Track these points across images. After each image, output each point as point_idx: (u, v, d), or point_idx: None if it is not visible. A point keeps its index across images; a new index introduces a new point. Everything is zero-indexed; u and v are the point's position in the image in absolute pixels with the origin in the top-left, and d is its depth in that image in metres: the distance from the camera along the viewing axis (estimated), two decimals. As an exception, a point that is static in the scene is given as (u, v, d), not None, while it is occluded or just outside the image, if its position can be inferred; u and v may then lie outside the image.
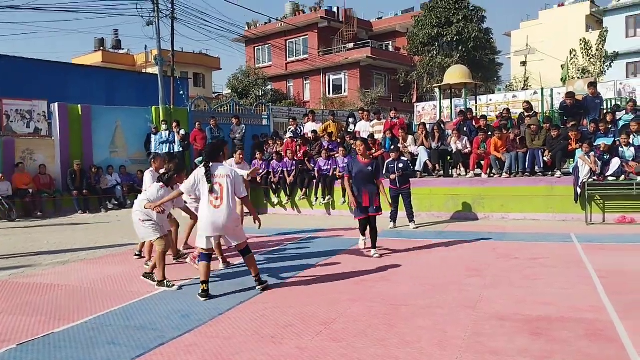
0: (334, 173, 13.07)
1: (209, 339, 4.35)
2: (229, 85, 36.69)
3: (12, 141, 14.73)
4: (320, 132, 15.21)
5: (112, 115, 16.58)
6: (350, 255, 7.79)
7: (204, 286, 5.61)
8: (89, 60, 39.80)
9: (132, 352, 4.05)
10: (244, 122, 17.85)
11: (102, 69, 29.00)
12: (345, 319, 4.76)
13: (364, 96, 33.94)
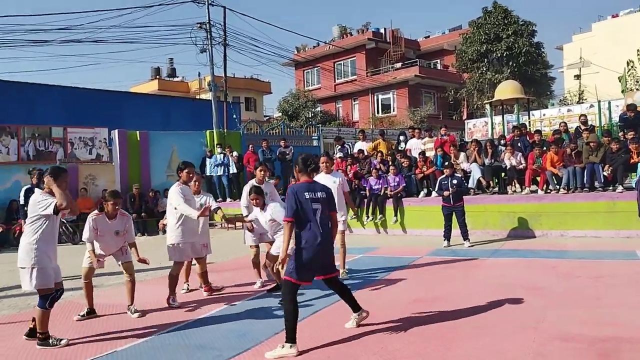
0: (385, 192, 13.03)
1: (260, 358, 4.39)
2: (279, 108, 37.34)
3: (76, 167, 15.52)
4: (369, 151, 15.24)
5: (168, 140, 17.19)
6: (403, 274, 7.71)
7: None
8: (146, 88, 41.44)
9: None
10: (294, 143, 18.13)
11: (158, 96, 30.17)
12: (401, 340, 4.70)
13: (413, 114, 33.77)
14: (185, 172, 6.57)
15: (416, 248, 10.25)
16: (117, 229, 5.91)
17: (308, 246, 4.49)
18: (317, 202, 4.58)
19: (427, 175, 12.98)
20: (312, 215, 4.53)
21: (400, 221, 12.77)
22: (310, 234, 4.51)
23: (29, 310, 6.48)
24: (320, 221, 4.56)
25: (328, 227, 4.65)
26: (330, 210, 4.73)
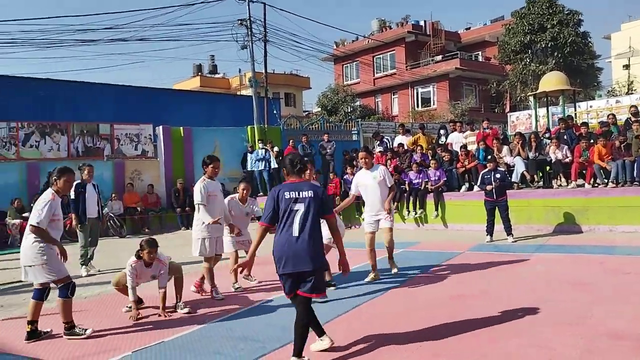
0: (425, 186, 12.93)
1: (308, 351, 4.43)
2: (318, 103, 37.42)
3: (123, 163, 16.01)
4: (409, 145, 15.14)
5: (210, 136, 17.52)
6: (445, 269, 7.66)
7: None
8: (189, 85, 42.24)
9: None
10: (334, 138, 18.17)
11: (200, 93, 30.66)
12: (445, 335, 4.68)
13: (454, 108, 33.28)
14: (211, 167, 6.55)
15: (458, 243, 10.15)
16: (153, 274, 5.96)
17: (281, 256, 4.07)
18: (299, 203, 4.09)
19: (468, 169, 12.82)
20: (291, 217, 4.08)
21: (441, 216, 12.65)
22: (282, 238, 4.09)
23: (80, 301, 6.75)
24: (300, 224, 4.04)
25: (311, 231, 4.06)
26: (323, 213, 4.20)
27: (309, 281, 4.07)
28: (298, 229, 4.03)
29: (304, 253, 4.01)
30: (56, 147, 15.47)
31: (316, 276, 4.10)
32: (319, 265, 4.11)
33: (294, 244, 4.03)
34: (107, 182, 15.10)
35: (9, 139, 14.85)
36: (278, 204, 4.13)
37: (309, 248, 4.03)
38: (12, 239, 12.70)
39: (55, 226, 5.19)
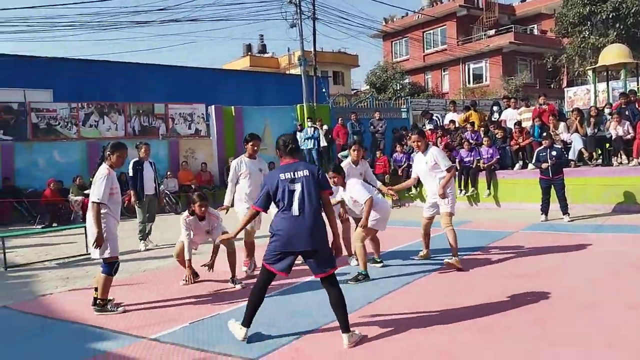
0: (477, 164, 12.70)
1: (362, 325, 4.50)
2: (367, 81, 37.08)
3: (177, 142, 16.47)
4: (461, 123, 14.85)
5: (260, 115, 17.73)
6: (497, 249, 7.55)
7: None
8: (239, 65, 42.68)
9: (291, 335, 4.33)
10: (383, 116, 18.03)
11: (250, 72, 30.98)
12: (497, 314, 4.64)
13: (507, 84, 32.25)
14: (250, 144, 6.62)
15: (511, 222, 9.96)
16: (207, 229, 6.17)
17: (281, 233, 4.02)
18: (296, 183, 4.06)
19: (523, 146, 12.49)
20: (289, 197, 4.04)
21: (494, 194, 12.42)
22: (284, 220, 4.03)
23: (139, 274, 7.06)
24: (299, 204, 4.02)
25: (311, 210, 4.03)
26: (321, 188, 4.15)
27: (314, 261, 4.08)
28: (298, 208, 4.01)
29: (303, 232, 3.99)
30: (114, 126, 16.05)
31: (320, 254, 4.08)
32: (319, 246, 4.06)
33: (295, 223, 4.00)
34: (162, 160, 15.57)
35: (70, 119, 15.51)
36: (275, 189, 4.10)
37: (310, 227, 4.00)
38: (75, 214, 13.32)
39: (115, 199, 5.33)
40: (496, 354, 3.73)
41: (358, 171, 7.01)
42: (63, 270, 7.62)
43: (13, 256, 8.66)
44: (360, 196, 6.07)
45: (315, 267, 4.11)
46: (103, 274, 5.21)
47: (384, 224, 6.35)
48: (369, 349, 3.96)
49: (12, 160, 14.46)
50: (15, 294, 6.24)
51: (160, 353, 4.09)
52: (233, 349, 4.06)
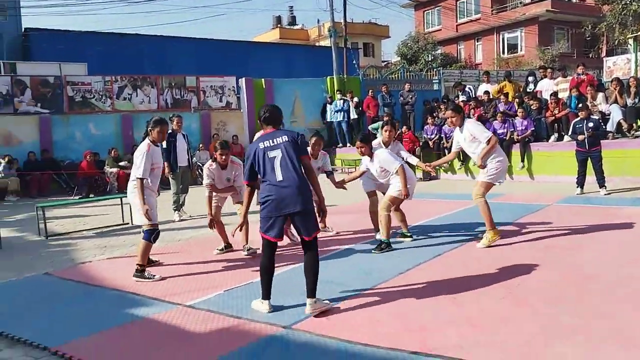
0: (511, 136, 12.46)
1: (392, 295, 4.53)
2: (398, 52, 36.46)
3: (209, 115, 16.63)
4: (494, 94, 14.54)
5: (291, 87, 17.70)
6: (531, 222, 7.44)
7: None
8: (268, 37, 42.50)
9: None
10: (415, 87, 17.78)
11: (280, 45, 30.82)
12: (530, 286, 4.60)
13: (543, 54, 31.32)
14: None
15: (545, 195, 9.79)
16: (228, 176, 6.38)
17: (270, 198, 4.09)
18: (275, 149, 4.13)
19: (559, 118, 12.17)
20: (271, 164, 4.11)
21: (528, 167, 12.21)
22: (269, 186, 4.11)
23: (174, 244, 7.23)
24: (282, 169, 4.09)
25: (293, 174, 4.09)
26: (300, 154, 4.18)
27: (301, 224, 4.14)
28: (281, 173, 4.08)
29: (290, 196, 4.06)
30: (147, 99, 16.27)
31: (305, 217, 4.13)
32: (307, 207, 4.12)
33: (279, 188, 4.08)
34: (194, 133, 15.75)
35: (104, 92, 15.77)
36: (255, 159, 4.19)
37: (294, 190, 4.07)
38: (110, 186, 13.64)
39: (155, 174, 5.55)
40: (530, 327, 3.71)
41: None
42: (101, 239, 7.86)
43: (53, 225, 8.96)
44: (390, 165, 6.07)
45: (304, 229, 4.16)
46: (143, 240, 5.44)
47: (411, 193, 6.33)
48: (399, 317, 3.99)
49: (50, 133, 14.83)
50: (56, 262, 6.48)
51: (195, 319, 4.20)
52: (266, 316, 4.15)
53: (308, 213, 4.15)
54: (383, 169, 6.22)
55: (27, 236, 8.27)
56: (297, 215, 4.12)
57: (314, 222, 4.23)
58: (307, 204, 4.12)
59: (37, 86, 15.14)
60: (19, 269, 6.19)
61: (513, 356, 3.22)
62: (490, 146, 6.03)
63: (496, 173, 6.13)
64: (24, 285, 5.49)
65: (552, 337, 3.50)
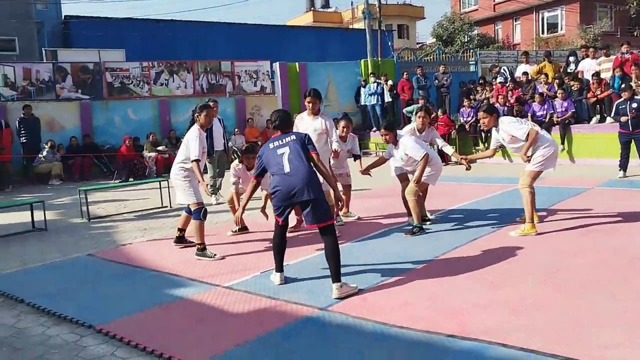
0: (550, 118, 12.16)
1: (428, 279, 4.52)
2: (433, 33, 35.81)
3: (243, 99, 16.74)
4: (533, 75, 14.17)
5: (324, 71, 17.64)
6: (572, 205, 7.28)
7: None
8: (302, 21, 42.36)
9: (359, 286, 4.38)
10: (450, 69, 17.47)
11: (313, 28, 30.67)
12: (571, 270, 4.52)
13: (585, 33, 30.27)
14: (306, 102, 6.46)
15: (586, 179, 9.55)
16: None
17: (279, 188, 4.32)
18: (283, 147, 4.42)
19: (601, 99, 11.81)
20: (279, 160, 4.37)
21: (568, 149, 11.92)
22: (278, 177, 4.35)
23: (211, 227, 7.34)
24: (289, 161, 4.32)
25: (301, 166, 4.30)
26: (307, 150, 4.43)
27: (310, 211, 4.25)
28: (289, 165, 4.31)
29: (298, 185, 4.23)
30: (183, 84, 16.48)
31: (315, 205, 4.24)
32: (315, 195, 4.24)
33: (287, 177, 4.29)
34: (229, 117, 15.87)
35: (142, 77, 16.04)
36: (266, 158, 4.51)
37: (303, 179, 4.24)
38: (149, 170, 13.94)
39: (202, 157, 5.81)
40: (570, 313, 3.65)
41: (422, 139, 6.65)
42: (141, 221, 8.06)
43: (95, 208, 9.23)
44: (415, 153, 6.01)
45: (312, 218, 4.27)
46: (195, 220, 5.68)
47: (435, 179, 6.34)
48: (434, 301, 3.99)
49: (91, 118, 15.20)
50: (98, 243, 6.69)
51: (233, 300, 4.29)
52: (302, 298, 4.20)
53: (317, 202, 4.26)
54: (408, 156, 6.16)
55: (70, 219, 8.55)
56: (306, 203, 4.26)
57: (325, 211, 4.32)
58: (315, 193, 4.25)
59: (77, 73, 15.50)
60: (63, 250, 6.42)
61: (552, 342, 3.18)
62: (530, 142, 5.73)
63: (544, 160, 5.80)
64: (69, 265, 5.70)
65: (592, 322, 3.44)
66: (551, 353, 3.02)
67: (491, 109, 6.21)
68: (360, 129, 17.40)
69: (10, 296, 4.67)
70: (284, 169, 4.32)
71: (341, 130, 6.96)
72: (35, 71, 15.19)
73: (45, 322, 4.06)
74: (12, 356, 3.47)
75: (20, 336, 3.81)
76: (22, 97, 14.80)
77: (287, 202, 4.32)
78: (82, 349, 3.53)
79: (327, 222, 4.31)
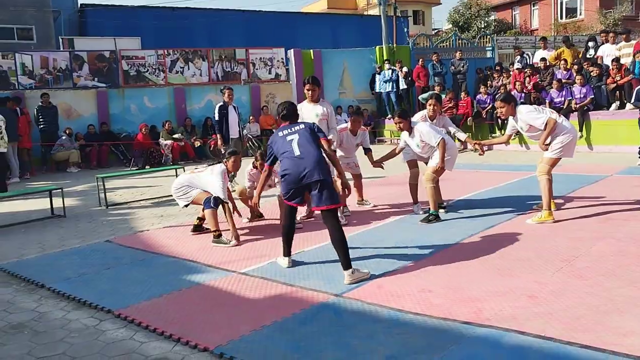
0: (568, 105, 11.99)
1: (443, 266, 4.50)
2: (449, 19, 35.44)
3: (258, 87, 16.74)
4: (551, 61, 13.96)
5: (339, 58, 17.54)
6: (590, 192, 7.19)
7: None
8: (316, 7, 42.11)
9: (372, 273, 4.40)
10: (467, 56, 17.27)
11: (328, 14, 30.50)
12: (590, 258, 4.47)
13: (605, 17, 29.74)
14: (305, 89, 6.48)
15: (604, 166, 9.43)
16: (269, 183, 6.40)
17: (288, 171, 4.45)
18: (293, 134, 4.57)
19: (621, 84, 11.61)
20: (289, 145, 4.51)
21: (586, 136, 11.75)
22: (288, 160, 4.47)
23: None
24: (299, 146, 4.47)
25: (310, 149, 4.44)
26: (317, 136, 4.60)
27: (318, 194, 4.34)
28: (298, 149, 4.44)
29: (307, 166, 4.34)
30: (198, 72, 16.53)
31: (323, 187, 4.34)
32: (324, 177, 4.35)
33: (297, 161, 4.41)
34: (244, 105, 15.92)
35: (158, 65, 16.11)
36: (276, 146, 4.62)
37: (313, 161, 4.36)
38: (165, 158, 14.03)
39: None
40: (588, 300, 3.62)
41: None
42: (157, 208, 8.14)
43: (112, 196, 9.33)
44: (431, 139, 5.95)
45: (319, 200, 4.36)
46: (207, 209, 5.79)
47: (451, 164, 6.26)
48: (450, 288, 3.98)
49: (107, 106, 15.33)
50: (116, 230, 6.78)
51: (249, 285, 4.33)
52: (318, 284, 4.22)
53: (325, 184, 4.35)
54: (424, 143, 6.08)
55: (89, 205, 8.66)
56: (314, 185, 4.35)
57: (332, 194, 4.39)
58: (324, 175, 4.36)
59: (93, 61, 15.62)
60: (82, 236, 6.52)
61: (569, 329, 3.16)
62: (549, 131, 5.65)
63: (562, 147, 5.70)
64: (88, 251, 5.78)
65: (610, 310, 3.41)
66: (568, 340, 3.00)
67: (508, 97, 6.09)
68: (375, 116, 17.34)
69: (31, 281, 4.76)
70: (294, 152, 4.44)
71: (352, 124, 6.86)
72: (53, 59, 15.34)
73: (65, 306, 4.14)
74: (34, 339, 3.54)
75: (41, 320, 3.88)
76: (39, 85, 14.98)
77: (297, 184, 4.42)
78: (101, 333, 3.59)
79: (334, 205, 4.40)
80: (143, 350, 3.28)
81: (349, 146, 6.90)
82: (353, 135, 6.90)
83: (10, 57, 14.99)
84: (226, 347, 3.21)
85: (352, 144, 6.94)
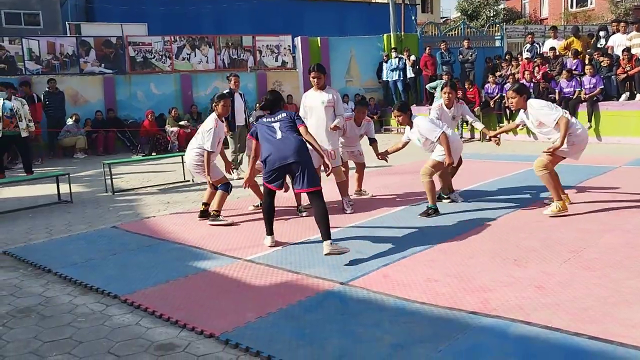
0: (578, 95, 11.88)
1: (449, 256, 4.49)
2: (458, 7, 35.12)
3: (264, 74, 16.69)
4: (561, 50, 13.82)
5: (346, 46, 17.43)
6: (598, 183, 7.14)
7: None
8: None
9: (378, 262, 4.41)
10: (475, 44, 17.13)
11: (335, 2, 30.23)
12: (598, 249, 4.45)
13: (616, 7, 29.36)
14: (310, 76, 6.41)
15: (613, 157, 9.36)
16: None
17: (270, 155, 4.70)
18: (275, 122, 4.88)
19: (631, 75, 11.49)
20: (271, 131, 4.81)
21: (595, 127, 11.66)
22: (269, 144, 4.75)
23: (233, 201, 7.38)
24: (281, 130, 4.78)
25: (291, 133, 4.77)
26: (296, 123, 4.89)
27: (300, 176, 4.60)
28: (279, 133, 4.76)
29: (287, 148, 4.64)
30: (204, 59, 16.48)
31: (304, 169, 4.60)
32: (304, 159, 4.64)
33: (277, 142, 4.72)
34: (250, 92, 15.87)
35: (164, 52, 16.06)
36: (259, 130, 4.91)
37: (293, 144, 4.67)
38: (171, 144, 14.04)
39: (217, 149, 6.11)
40: (595, 291, 3.60)
41: (451, 115, 6.59)
42: (163, 195, 8.15)
43: (119, 182, 9.36)
44: (430, 134, 5.87)
45: (302, 183, 4.60)
46: (221, 191, 6.02)
47: (456, 157, 6.16)
48: (457, 278, 3.96)
49: (114, 93, 15.32)
50: (123, 216, 6.80)
51: (255, 273, 4.33)
52: (323, 272, 4.22)
53: (306, 165, 4.62)
54: (425, 137, 6.01)
55: (95, 191, 8.68)
56: (295, 166, 4.60)
57: (314, 177, 4.67)
58: (304, 157, 4.65)
59: (100, 47, 15.59)
60: (89, 222, 6.54)
61: (576, 320, 3.14)
62: (564, 132, 5.36)
63: (569, 148, 5.51)
64: (94, 237, 5.80)
65: (617, 301, 3.39)
66: (575, 332, 2.99)
67: (521, 88, 5.78)
68: (382, 105, 17.25)
69: (38, 266, 4.79)
70: (276, 136, 4.75)
71: (356, 115, 6.80)
72: (59, 45, 15.32)
73: (72, 291, 4.16)
74: (41, 323, 3.56)
75: (48, 305, 3.90)
76: (46, 70, 14.98)
77: (278, 166, 4.66)
78: (107, 318, 3.60)
79: (316, 187, 4.64)
80: (149, 335, 3.30)
81: (352, 136, 6.86)
82: (357, 126, 6.86)
83: (17, 42, 14.99)
84: (232, 333, 3.22)
85: (355, 134, 6.89)
